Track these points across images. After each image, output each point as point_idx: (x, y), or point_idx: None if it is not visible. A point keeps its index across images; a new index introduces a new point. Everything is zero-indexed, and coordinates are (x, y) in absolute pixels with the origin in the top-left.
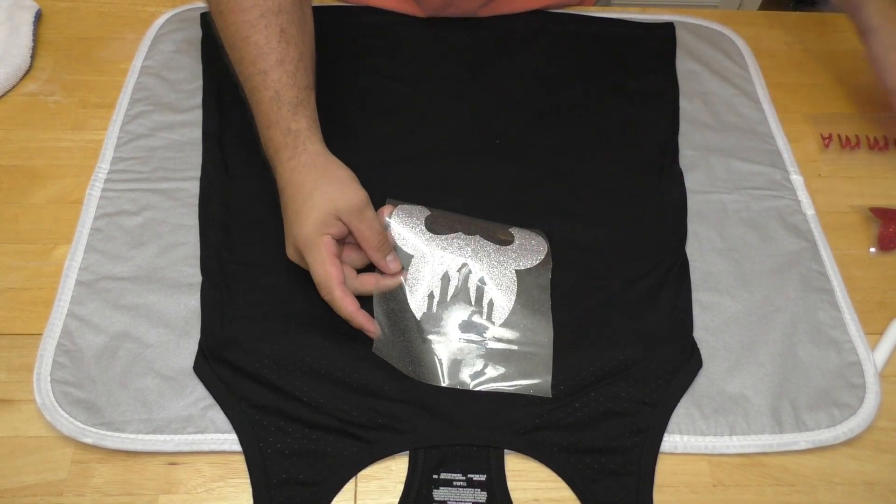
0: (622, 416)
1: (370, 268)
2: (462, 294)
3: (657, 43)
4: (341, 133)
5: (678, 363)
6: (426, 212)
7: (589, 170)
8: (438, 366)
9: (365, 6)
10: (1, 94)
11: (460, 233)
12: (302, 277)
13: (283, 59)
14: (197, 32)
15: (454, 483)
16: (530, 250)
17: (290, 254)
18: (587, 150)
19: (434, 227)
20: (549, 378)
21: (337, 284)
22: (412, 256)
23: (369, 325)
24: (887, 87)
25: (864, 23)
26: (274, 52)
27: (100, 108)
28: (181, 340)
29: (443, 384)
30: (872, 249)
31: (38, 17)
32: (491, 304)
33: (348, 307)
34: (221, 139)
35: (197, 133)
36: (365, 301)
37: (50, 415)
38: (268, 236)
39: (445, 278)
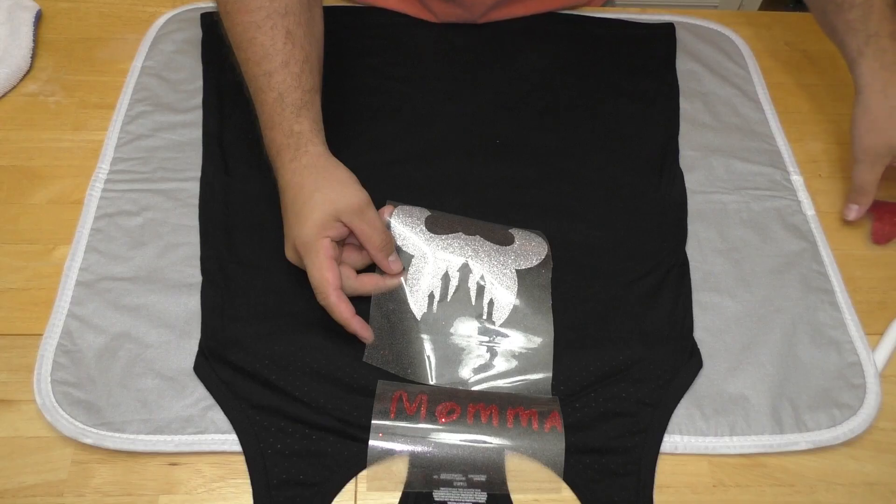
0: (622, 416)
1: (369, 268)
2: (462, 294)
3: (657, 43)
4: (342, 133)
5: (678, 363)
6: (426, 213)
7: (589, 170)
8: (427, 364)
9: (367, 7)
10: (1, 95)
11: (460, 233)
12: (302, 278)
13: (288, 61)
14: (197, 32)
15: (454, 483)
16: (530, 251)
17: (290, 255)
18: (587, 151)
19: (434, 227)
20: (549, 377)
21: (333, 289)
22: (412, 256)
23: (363, 331)
24: (853, 153)
25: (854, 81)
26: (279, 53)
27: (100, 108)
28: (181, 341)
29: (430, 382)
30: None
31: (39, 18)
32: (491, 303)
33: (343, 312)
34: (221, 139)
35: (197, 133)
36: (361, 301)
37: (50, 415)
38: (268, 237)
39: (446, 278)
